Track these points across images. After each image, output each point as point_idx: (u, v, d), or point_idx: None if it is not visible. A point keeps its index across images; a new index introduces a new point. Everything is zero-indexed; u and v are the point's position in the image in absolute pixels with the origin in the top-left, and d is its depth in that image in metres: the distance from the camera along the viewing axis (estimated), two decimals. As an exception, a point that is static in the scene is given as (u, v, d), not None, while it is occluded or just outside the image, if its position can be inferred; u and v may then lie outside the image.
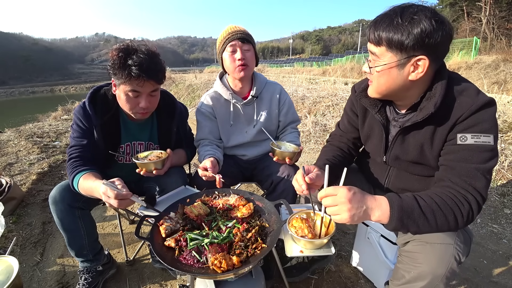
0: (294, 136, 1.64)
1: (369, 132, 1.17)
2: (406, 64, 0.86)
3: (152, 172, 1.28)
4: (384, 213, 0.78)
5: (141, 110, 1.27)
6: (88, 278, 1.42)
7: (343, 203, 0.78)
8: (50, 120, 7.35)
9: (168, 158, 1.34)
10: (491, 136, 0.84)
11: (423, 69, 0.85)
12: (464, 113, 0.85)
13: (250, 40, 1.48)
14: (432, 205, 0.79)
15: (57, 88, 59.89)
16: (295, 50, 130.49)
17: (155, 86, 1.26)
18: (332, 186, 0.83)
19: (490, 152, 0.84)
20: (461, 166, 0.85)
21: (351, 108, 1.25)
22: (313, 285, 1.49)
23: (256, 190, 2.57)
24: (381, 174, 1.20)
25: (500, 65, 8.78)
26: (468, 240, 0.93)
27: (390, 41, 0.84)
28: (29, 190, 2.57)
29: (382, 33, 0.85)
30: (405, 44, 0.82)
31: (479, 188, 0.82)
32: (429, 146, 0.96)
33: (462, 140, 0.86)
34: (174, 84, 14.52)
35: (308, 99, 5.43)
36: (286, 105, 1.66)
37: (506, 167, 2.55)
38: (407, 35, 0.81)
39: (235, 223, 1.02)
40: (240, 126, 1.64)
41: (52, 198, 1.27)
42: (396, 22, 0.83)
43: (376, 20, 0.89)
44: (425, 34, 0.80)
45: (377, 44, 0.88)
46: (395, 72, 0.88)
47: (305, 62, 30.74)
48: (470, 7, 20.92)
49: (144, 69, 1.17)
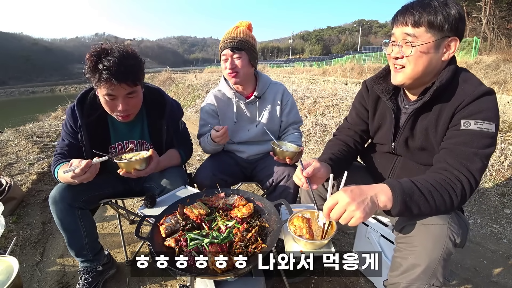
0: (296, 137, 1.65)
1: (380, 121, 1.21)
2: (441, 44, 0.92)
3: (131, 173, 1.22)
4: (388, 197, 0.81)
5: (120, 113, 1.26)
6: (88, 278, 1.42)
7: (348, 205, 0.79)
8: (50, 120, 7.35)
9: (151, 158, 1.27)
10: (493, 124, 0.89)
11: (454, 49, 0.93)
12: (466, 98, 0.90)
13: (242, 47, 1.47)
14: (429, 186, 0.84)
15: (57, 88, 59.88)
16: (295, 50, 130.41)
17: (130, 89, 1.22)
18: (329, 198, 0.84)
19: (490, 139, 0.88)
20: (461, 149, 0.89)
21: (360, 101, 1.28)
22: (313, 285, 1.49)
23: (256, 190, 2.57)
24: (386, 165, 1.22)
25: (500, 65, 8.79)
26: (463, 225, 0.95)
27: (432, 22, 0.90)
28: (29, 190, 2.57)
29: (423, 14, 0.90)
30: (445, 26, 0.89)
31: (473, 170, 0.86)
32: (434, 131, 1.00)
33: (465, 125, 0.90)
34: (174, 84, 14.50)
35: (308, 99, 5.43)
36: (289, 105, 1.67)
37: (506, 167, 2.55)
38: (447, 16, 0.89)
39: (235, 223, 1.02)
40: (243, 124, 1.65)
41: (52, 198, 1.27)
42: (434, 6, 0.90)
43: (409, 5, 0.95)
44: (458, 18, 0.90)
45: (415, 25, 0.92)
46: (432, 52, 0.93)
47: (305, 62, 30.72)
48: (470, 7, 20.90)
49: (113, 73, 1.13)
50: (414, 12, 0.92)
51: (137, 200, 2.50)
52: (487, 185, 2.49)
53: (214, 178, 1.44)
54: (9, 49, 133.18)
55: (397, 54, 0.99)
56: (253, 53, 1.53)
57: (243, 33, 1.50)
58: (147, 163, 1.26)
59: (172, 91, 13.12)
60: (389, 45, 1.02)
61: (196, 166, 3.18)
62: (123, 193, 1.55)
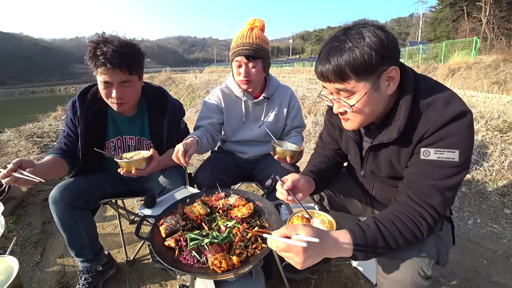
0: (297, 139, 1.64)
1: (346, 146, 1.14)
2: (380, 83, 0.81)
3: (132, 172, 1.22)
4: (348, 253, 0.76)
5: (114, 101, 1.29)
6: (88, 278, 1.42)
7: (296, 263, 0.70)
8: (50, 120, 7.35)
9: (152, 158, 1.27)
10: (457, 151, 0.78)
11: (397, 78, 0.82)
12: (429, 130, 0.80)
13: (258, 55, 1.44)
14: (394, 232, 0.79)
15: (57, 88, 59.94)
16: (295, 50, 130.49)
17: (124, 76, 1.25)
18: (287, 242, 0.68)
19: (453, 168, 0.79)
20: (419, 181, 0.83)
21: (329, 120, 1.18)
22: (313, 285, 1.49)
23: (256, 190, 2.57)
24: (367, 185, 1.19)
25: (500, 65, 8.80)
26: (441, 244, 0.91)
27: (357, 68, 0.77)
28: (29, 190, 2.57)
29: (342, 64, 0.77)
30: (373, 63, 0.76)
31: (434, 205, 0.80)
32: (397, 162, 0.93)
33: (425, 155, 0.82)
34: (174, 84, 14.52)
35: (308, 99, 5.43)
36: (295, 109, 1.67)
37: (506, 167, 2.55)
38: (370, 52, 0.75)
39: (235, 223, 1.02)
40: (246, 124, 1.65)
41: (52, 198, 1.27)
42: (349, 47, 0.77)
43: (323, 58, 0.81)
44: (384, 44, 0.76)
45: (342, 80, 0.80)
46: (374, 97, 0.82)
47: (305, 62, 30.74)
48: (470, 7, 20.92)
49: (109, 58, 1.19)
50: (332, 66, 0.79)
51: (137, 200, 2.50)
52: (487, 185, 2.49)
53: (213, 178, 1.44)
54: (9, 49, 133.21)
55: (338, 109, 0.89)
56: (267, 60, 1.51)
57: (259, 38, 1.46)
58: (148, 162, 1.26)
59: (172, 91, 13.12)
60: (327, 99, 0.92)
61: (196, 166, 3.18)
62: (123, 193, 1.55)
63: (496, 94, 5.01)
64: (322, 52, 0.83)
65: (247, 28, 1.49)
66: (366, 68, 0.77)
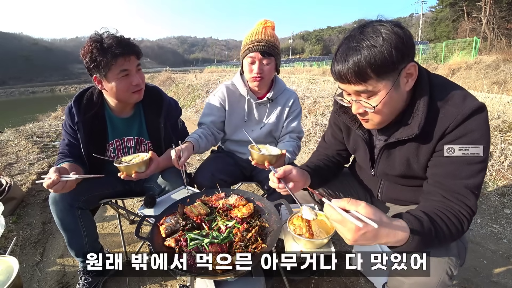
0: (290, 145, 1.57)
1: (354, 146, 1.12)
2: (400, 80, 0.80)
3: (132, 176, 1.21)
4: (398, 242, 0.70)
5: (136, 88, 1.30)
6: (88, 278, 1.42)
7: (346, 238, 0.68)
8: (50, 120, 7.36)
9: (151, 160, 1.27)
10: (481, 146, 0.78)
11: (416, 73, 0.81)
12: (451, 125, 0.79)
13: (273, 52, 1.44)
14: (442, 225, 0.75)
15: (57, 88, 59.97)
16: (295, 50, 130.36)
17: (137, 61, 1.29)
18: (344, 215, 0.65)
19: (479, 164, 0.79)
20: (450, 183, 0.81)
21: (334, 121, 1.17)
22: (313, 285, 1.49)
23: (256, 190, 2.57)
24: (373, 185, 1.17)
25: (500, 65, 8.79)
26: (462, 246, 0.90)
27: (377, 67, 0.74)
28: (29, 190, 2.57)
29: (363, 63, 0.74)
30: (393, 60, 0.74)
31: (470, 205, 0.79)
32: (415, 160, 0.91)
33: (449, 152, 0.81)
34: (174, 84, 14.50)
35: (308, 99, 5.43)
36: (294, 114, 1.65)
37: (506, 167, 2.55)
38: (390, 48, 0.73)
39: (235, 223, 1.02)
40: (248, 123, 1.64)
41: (52, 198, 1.27)
42: (366, 46, 0.74)
43: (341, 58, 0.78)
44: (403, 40, 0.75)
45: (362, 80, 0.78)
46: (395, 95, 0.81)
47: (305, 62, 30.74)
48: (470, 7, 20.92)
49: (123, 45, 1.21)
50: (352, 66, 0.76)
51: (137, 200, 2.50)
52: (487, 185, 2.49)
53: (213, 178, 1.44)
54: (9, 49, 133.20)
55: (358, 110, 0.87)
56: (279, 60, 1.52)
57: (273, 36, 1.46)
58: (147, 165, 1.26)
59: (172, 91, 13.12)
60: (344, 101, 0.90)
61: (196, 166, 3.18)
62: (123, 193, 1.55)
63: (496, 94, 5.01)
64: (338, 52, 0.81)
65: (260, 26, 1.49)
66: (387, 67, 0.76)
